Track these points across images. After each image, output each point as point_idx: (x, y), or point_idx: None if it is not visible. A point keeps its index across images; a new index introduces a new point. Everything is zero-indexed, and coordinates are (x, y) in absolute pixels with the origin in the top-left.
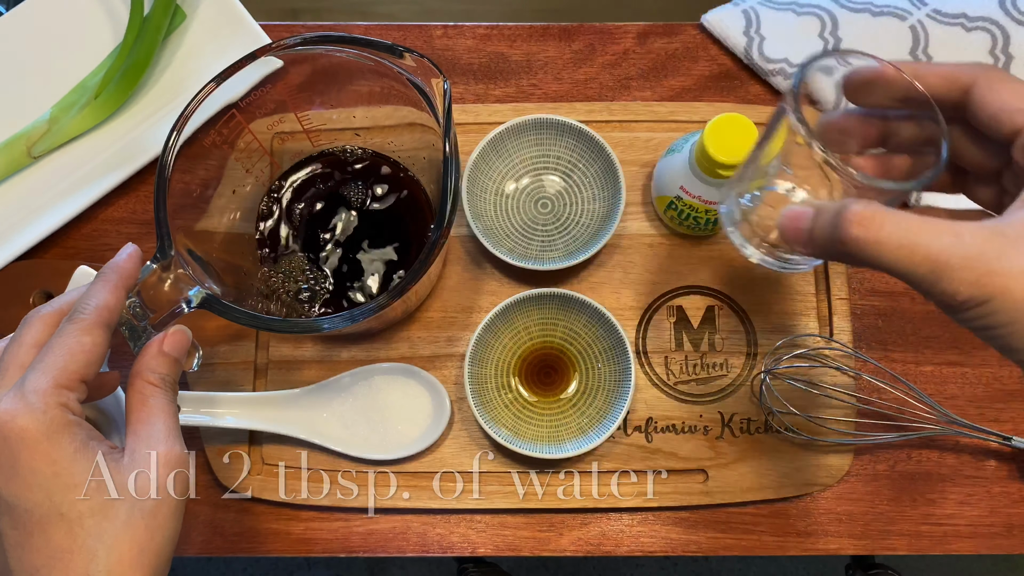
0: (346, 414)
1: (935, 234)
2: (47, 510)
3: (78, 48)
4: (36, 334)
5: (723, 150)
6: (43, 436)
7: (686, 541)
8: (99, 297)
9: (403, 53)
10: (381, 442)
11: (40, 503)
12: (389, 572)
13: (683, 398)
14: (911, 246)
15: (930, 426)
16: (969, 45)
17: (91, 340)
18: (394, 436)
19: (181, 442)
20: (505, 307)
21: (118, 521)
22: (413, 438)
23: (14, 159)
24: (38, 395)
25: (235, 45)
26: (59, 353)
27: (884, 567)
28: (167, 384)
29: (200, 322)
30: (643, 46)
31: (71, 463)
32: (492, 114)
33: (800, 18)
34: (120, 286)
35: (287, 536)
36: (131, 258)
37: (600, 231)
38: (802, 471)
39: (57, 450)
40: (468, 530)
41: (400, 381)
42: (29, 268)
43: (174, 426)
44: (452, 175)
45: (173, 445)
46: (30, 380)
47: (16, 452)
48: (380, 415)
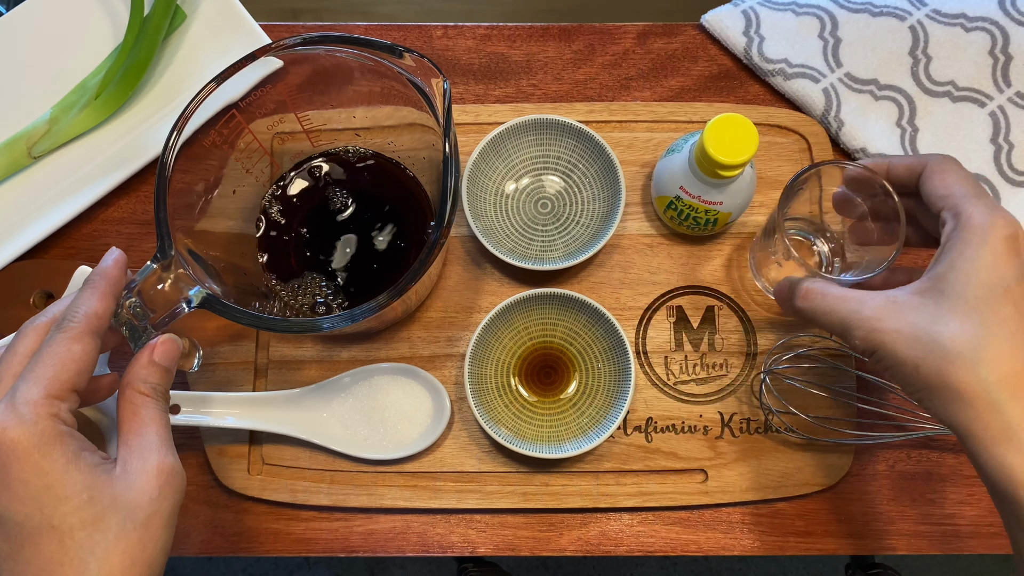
0: (346, 414)
1: (846, 303)
2: (38, 522)
3: (78, 48)
4: (29, 344)
5: (723, 150)
6: (34, 448)
7: (686, 541)
8: (88, 304)
9: (403, 53)
10: (381, 442)
11: (31, 515)
12: (389, 572)
13: (683, 398)
14: (832, 312)
15: (930, 426)
16: (969, 45)
17: (81, 348)
18: (394, 436)
19: (174, 452)
20: (505, 307)
21: (110, 533)
22: (413, 438)
23: (14, 159)
24: (29, 406)
25: (235, 45)
26: (49, 363)
27: (884, 567)
28: (158, 394)
29: (200, 322)
30: (643, 46)
31: (63, 475)
32: (492, 114)
33: (800, 18)
34: (108, 292)
35: (287, 536)
36: (117, 263)
37: (600, 231)
38: (802, 471)
39: (48, 462)
40: (468, 530)
41: (400, 381)
42: (29, 268)
43: (166, 436)
44: (452, 175)
45: (166, 456)
46: (20, 391)
47: (7, 464)
48: (380, 415)
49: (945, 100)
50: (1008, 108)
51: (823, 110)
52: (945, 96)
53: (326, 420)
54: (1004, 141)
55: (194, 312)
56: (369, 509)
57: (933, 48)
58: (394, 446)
